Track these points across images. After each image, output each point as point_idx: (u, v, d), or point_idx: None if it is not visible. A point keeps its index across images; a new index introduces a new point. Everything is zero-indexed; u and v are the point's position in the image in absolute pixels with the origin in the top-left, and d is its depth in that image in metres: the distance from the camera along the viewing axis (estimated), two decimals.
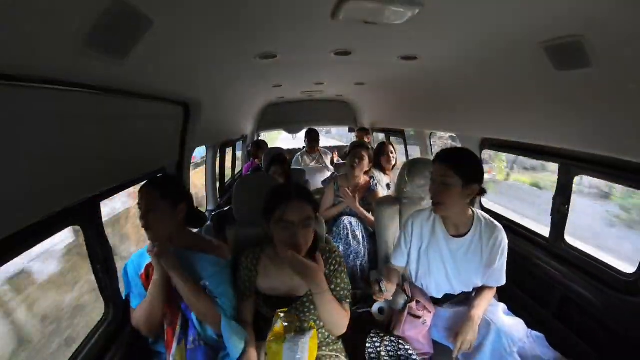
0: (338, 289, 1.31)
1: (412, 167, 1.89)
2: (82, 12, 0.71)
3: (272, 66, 1.86)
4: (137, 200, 1.25)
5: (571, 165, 1.76)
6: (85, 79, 0.94)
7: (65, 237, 3.25)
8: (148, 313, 1.25)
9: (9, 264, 0.90)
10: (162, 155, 1.87)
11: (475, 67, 1.69)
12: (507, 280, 2.06)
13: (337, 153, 4.30)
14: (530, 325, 1.51)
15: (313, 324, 1.14)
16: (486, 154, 2.49)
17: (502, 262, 1.52)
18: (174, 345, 1.26)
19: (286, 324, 1.12)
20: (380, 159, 3.00)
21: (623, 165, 1.45)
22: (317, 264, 1.15)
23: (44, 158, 0.90)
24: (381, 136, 4.67)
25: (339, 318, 1.26)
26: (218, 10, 0.97)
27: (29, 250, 0.97)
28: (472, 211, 1.52)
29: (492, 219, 1.54)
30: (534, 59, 1.29)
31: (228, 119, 3.11)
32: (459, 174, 1.36)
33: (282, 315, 1.15)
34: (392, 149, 3.14)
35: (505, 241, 1.51)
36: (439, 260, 1.53)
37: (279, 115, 4.66)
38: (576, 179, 1.79)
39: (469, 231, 1.50)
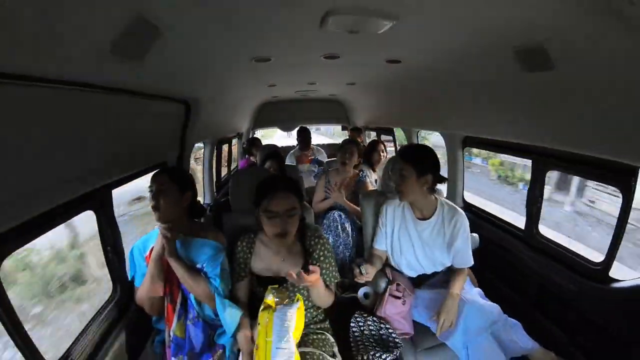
0: (327, 271, 1.45)
1: (395, 163, 2.03)
2: (109, 27, 0.85)
3: (267, 68, 1.98)
4: (149, 189, 1.39)
5: (543, 161, 1.89)
6: (105, 81, 1.07)
7: None
8: (148, 289, 1.36)
9: None
10: (165, 149, 1.99)
11: (454, 70, 1.81)
12: (487, 271, 2.18)
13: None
14: (509, 314, 1.61)
15: (300, 296, 1.26)
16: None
17: (463, 242, 1.68)
18: (174, 320, 1.39)
19: (277, 299, 1.25)
20: (371, 157, 3.13)
21: (588, 161, 1.57)
22: (316, 275, 1.26)
23: (65, 151, 1.02)
24: (373, 134, 4.81)
25: (325, 298, 1.42)
26: (218, 19, 1.09)
27: None
28: (435, 198, 1.72)
29: (454, 205, 1.73)
30: (505, 62, 1.41)
31: (225, 117, 3.21)
32: (413, 166, 1.59)
33: (273, 290, 1.29)
34: (383, 147, 3.27)
35: (466, 223, 1.69)
36: (409, 241, 1.72)
37: (274, 113, 4.76)
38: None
39: (433, 215, 1.70)
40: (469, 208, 2.63)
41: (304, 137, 4.00)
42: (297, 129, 4.23)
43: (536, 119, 1.61)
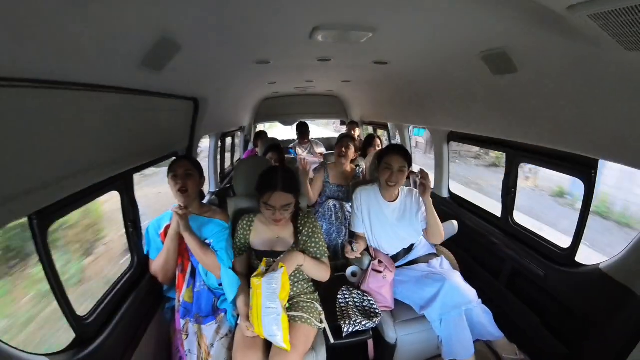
0: (316, 247, 1.66)
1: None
2: (141, 45, 1.07)
3: (267, 69, 2.18)
4: (172, 174, 1.63)
5: (515, 154, 2.04)
6: (134, 85, 1.30)
7: None
8: (164, 261, 1.59)
9: None
10: (176, 140, 2.21)
11: (435, 71, 1.99)
12: (468, 256, 2.36)
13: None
14: (486, 294, 1.77)
15: (282, 264, 1.47)
16: None
17: (422, 211, 1.94)
18: (184, 287, 1.62)
19: (267, 267, 1.48)
20: (367, 150, 3.31)
21: (554, 154, 1.70)
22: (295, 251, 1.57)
23: (97, 142, 1.25)
24: (370, 128, 4.99)
25: (319, 272, 1.64)
26: (223, 31, 1.27)
27: None
28: None
29: (409, 188, 2.02)
30: (476, 65, 1.56)
31: (229, 112, 3.42)
32: (407, 162, 1.86)
33: (267, 262, 1.52)
34: (379, 142, 3.47)
35: (418, 196, 1.95)
36: (384, 220, 1.96)
37: (275, 108, 4.94)
38: None
39: (397, 198, 1.97)
40: (453, 198, 2.81)
41: (302, 130, 4.22)
42: (296, 123, 4.43)
43: (506, 116, 1.75)
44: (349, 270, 2.03)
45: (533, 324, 1.79)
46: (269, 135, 4.06)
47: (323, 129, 15.00)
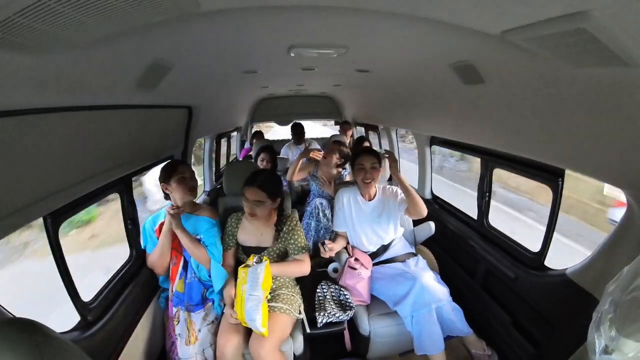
0: (296, 243, 1.81)
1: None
2: (136, 68, 1.24)
3: (256, 76, 2.34)
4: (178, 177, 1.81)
5: (490, 160, 2.13)
6: (131, 102, 1.47)
7: None
8: (159, 255, 1.78)
9: None
10: (172, 145, 2.38)
11: (412, 79, 2.09)
12: (447, 256, 2.46)
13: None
14: (462, 293, 1.87)
15: (266, 257, 1.65)
16: None
17: (400, 197, 2.09)
18: (177, 279, 1.80)
19: (252, 262, 1.66)
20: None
21: (524, 162, 1.77)
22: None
23: (101, 151, 1.44)
24: (362, 130, 5.11)
25: (296, 271, 1.82)
26: (211, 46, 1.40)
27: None
28: None
29: (384, 185, 2.17)
30: (449, 75, 1.61)
31: (223, 115, 3.57)
32: (378, 160, 2.03)
33: (254, 257, 1.70)
34: (369, 144, 3.60)
35: (394, 189, 2.12)
36: (363, 219, 2.11)
37: (271, 108, 5.05)
38: None
39: (375, 195, 2.13)
40: (435, 200, 2.94)
41: (297, 131, 4.37)
42: (291, 124, 4.56)
43: (478, 124, 1.85)
44: (331, 266, 2.20)
45: (504, 323, 1.86)
46: (267, 136, 4.19)
47: (329, 129, 14.86)
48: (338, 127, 5.10)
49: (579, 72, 1.03)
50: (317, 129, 14.92)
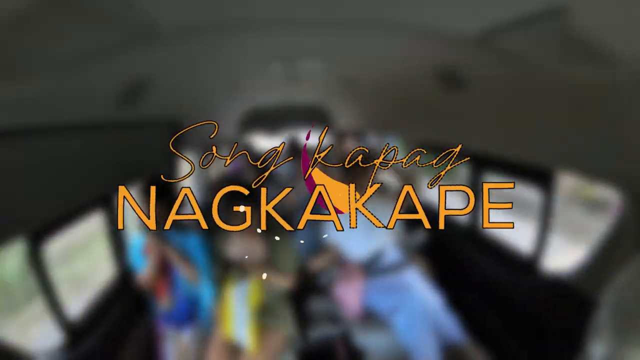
0: (284, 259, 1.75)
1: None
2: (113, 86, 1.24)
3: (239, 90, 2.37)
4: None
5: (479, 163, 2.07)
6: (110, 121, 1.49)
7: None
8: (147, 276, 1.72)
9: None
10: (157, 163, 2.40)
11: (396, 89, 2.11)
12: (439, 264, 2.36)
13: None
14: (457, 300, 1.83)
15: (254, 275, 1.62)
16: None
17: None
18: (166, 296, 1.76)
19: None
20: None
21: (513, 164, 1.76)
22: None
23: (82, 172, 1.44)
24: None
25: (279, 283, 1.74)
26: (190, 63, 1.44)
27: None
28: None
29: None
30: (433, 82, 1.64)
31: (210, 129, 3.58)
32: None
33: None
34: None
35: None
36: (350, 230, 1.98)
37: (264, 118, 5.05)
38: None
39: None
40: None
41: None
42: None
43: (465, 130, 1.85)
44: (323, 277, 2.14)
45: (500, 330, 1.83)
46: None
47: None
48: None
49: (562, 73, 1.02)
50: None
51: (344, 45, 1.29)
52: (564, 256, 1.74)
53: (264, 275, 1.65)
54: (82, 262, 5.15)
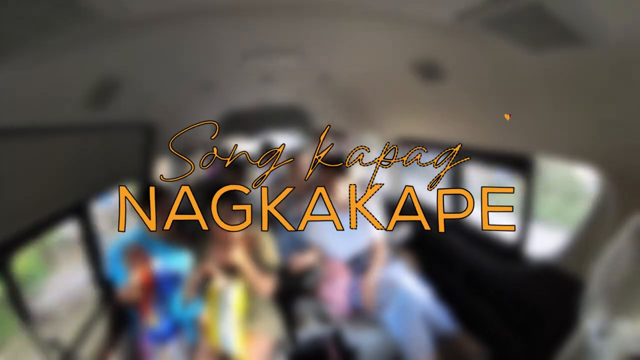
0: (265, 258, 1.70)
1: None
2: (83, 84, 1.16)
3: (215, 88, 2.30)
4: None
5: (461, 153, 2.08)
6: (81, 123, 1.40)
7: None
8: (129, 293, 1.62)
9: None
10: (132, 167, 2.31)
11: (374, 82, 2.12)
12: (425, 256, 2.40)
13: None
14: (445, 292, 1.83)
15: (239, 281, 1.56)
16: None
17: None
18: (149, 312, 1.69)
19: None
20: None
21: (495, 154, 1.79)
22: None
23: (52, 179, 1.35)
24: None
25: (257, 281, 1.63)
26: (162, 59, 1.37)
27: None
28: None
29: None
30: (411, 73, 1.65)
31: (188, 132, 3.51)
32: None
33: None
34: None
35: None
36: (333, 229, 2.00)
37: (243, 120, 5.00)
38: None
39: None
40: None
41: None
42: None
43: (446, 120, 1.89)
44: (308, 278, 2.11)
45: (492, 319, 1.83)
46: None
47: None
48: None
49: (538, 57, 1.03)
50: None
51: (319, 37, 1.26)
52: (546, 241, 1.77)
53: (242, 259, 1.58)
54: None
